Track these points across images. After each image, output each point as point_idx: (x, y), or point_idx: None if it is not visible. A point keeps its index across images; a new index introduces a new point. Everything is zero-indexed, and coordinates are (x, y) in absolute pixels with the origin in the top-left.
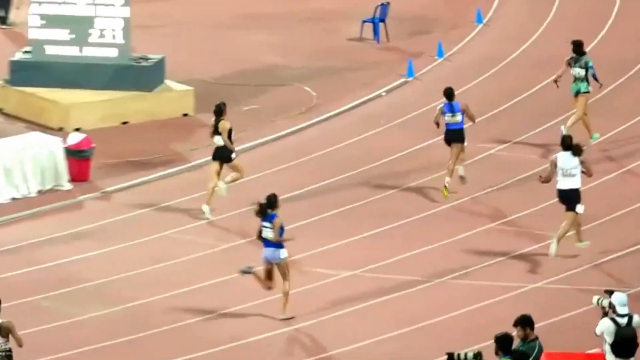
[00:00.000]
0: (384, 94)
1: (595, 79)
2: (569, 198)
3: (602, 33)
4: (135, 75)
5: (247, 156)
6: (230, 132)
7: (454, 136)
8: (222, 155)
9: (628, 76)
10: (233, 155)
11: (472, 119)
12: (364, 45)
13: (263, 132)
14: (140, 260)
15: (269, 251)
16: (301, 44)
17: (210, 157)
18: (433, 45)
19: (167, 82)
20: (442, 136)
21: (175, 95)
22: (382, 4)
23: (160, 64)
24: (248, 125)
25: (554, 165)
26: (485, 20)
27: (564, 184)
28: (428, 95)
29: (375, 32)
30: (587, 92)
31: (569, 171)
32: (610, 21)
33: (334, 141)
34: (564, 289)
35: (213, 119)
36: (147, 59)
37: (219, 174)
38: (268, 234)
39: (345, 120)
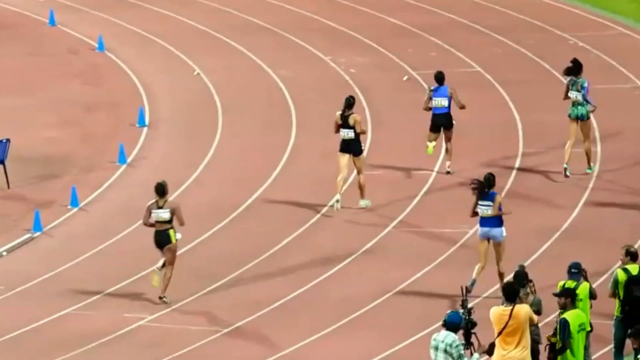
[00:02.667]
0: (4, 253)
1: (587, 101)
2: None
3: (274, 174)
4: None
5: None
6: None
7: (442, 121)
8: (352, 149)
9: None
10: (363, 149)
11: (460, 105)
12: None
13: None
14: None
15: (487, 229)
16: None
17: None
18: (66, 191)
19: None
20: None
21: None
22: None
23: None
24: None
25: None
26: (129, 160)
27: None
28: (61, 254)
29: None
30: (588, 118)
31: None
32: (283, 160)
33: None
34: None
35: (339, 112)
36: None
37: (347, 167)
38: (488, 211)
39: None
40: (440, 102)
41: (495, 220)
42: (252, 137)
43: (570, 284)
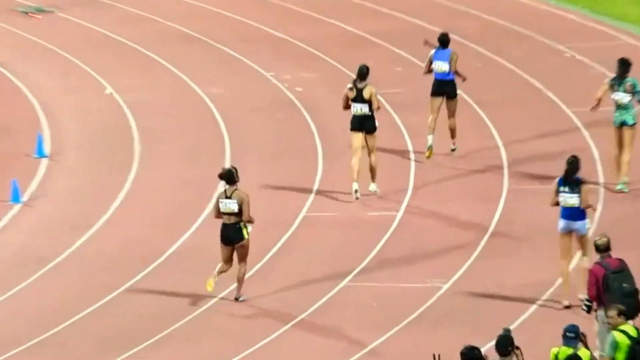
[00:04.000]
0: None
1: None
2: None
3: (204, 214)
4: None
5: None
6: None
7: (444, 87)
8: (366, 126)
9: None
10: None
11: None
12: None
13: None
14: None
15: (570, 222)
16: None
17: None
18: None
19: None
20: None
21: None
22: None
23: None
24: None
25: None
26: (25, 198)
27: None
28: None
29: None
30: (634, 124)
31: None
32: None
33: None
34: None
35: (350, 84)
36: None
37: (361, 148)
38: (571, 200)
39: None
40: (440, 66)
41: (579, 211)
42: (177, 169)
43: (566, 351)
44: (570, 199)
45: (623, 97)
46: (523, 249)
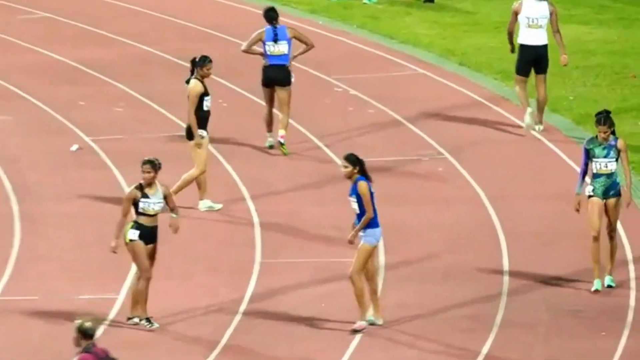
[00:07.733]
0: None
1: None
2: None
3: None
4: None
5: None
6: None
7: (279, 75)
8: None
9: None
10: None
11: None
12: None
13: None
14: None
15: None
16: None
17: None
18: None
19: None
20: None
21: None
22: None
23: None
24: None
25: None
26: None
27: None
28: None
29: None
30: None
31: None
32: None
33: None
34: None
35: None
36: None
37: None
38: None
39: None
40: (279, 48)
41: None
42: None
43: None
44: (354, 204)
45: None
46: (281, 343)
